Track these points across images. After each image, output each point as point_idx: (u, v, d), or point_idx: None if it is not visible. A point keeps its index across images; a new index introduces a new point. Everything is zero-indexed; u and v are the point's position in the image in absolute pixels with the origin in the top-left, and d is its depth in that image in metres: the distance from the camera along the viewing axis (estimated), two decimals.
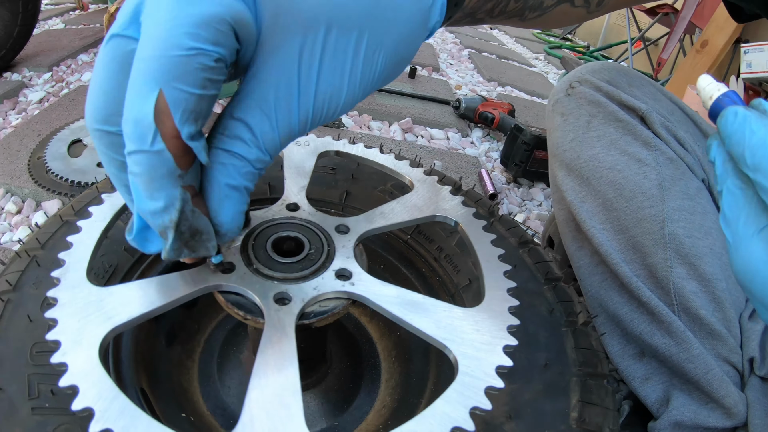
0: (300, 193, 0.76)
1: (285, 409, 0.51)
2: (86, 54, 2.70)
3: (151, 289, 0.60)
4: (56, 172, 1.63)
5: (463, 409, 0.52)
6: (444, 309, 0.63)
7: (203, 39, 0.39)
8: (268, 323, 0.58)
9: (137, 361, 0.81)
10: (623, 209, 1.02)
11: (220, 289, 0.61)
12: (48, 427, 0.60)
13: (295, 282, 0.62)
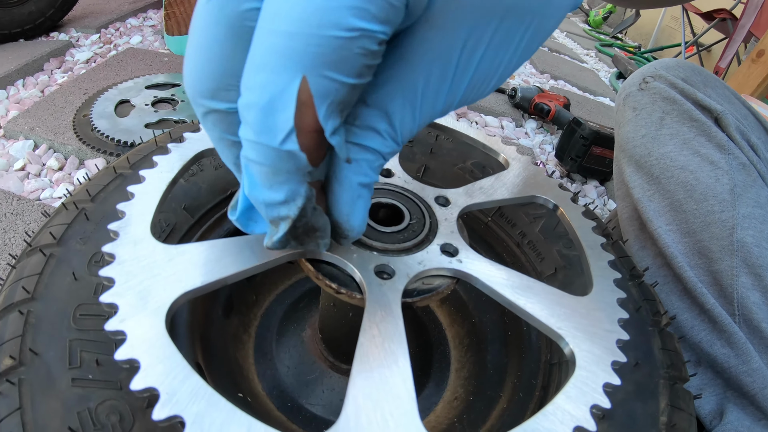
0: (394, 159, 0.67)
1: (395, 399, 0.43)
2: (135, 18, 2.64)
3: (230, 250, 0.51)
4: (102, 130, 1.56)
5: (584, 407, 0.47)
6: (556, 296, 0.56)
7: (371, 17, 0.29)
8: (371, 299, 0.49)
9: (193, 333, 0.72)
10: (692, 211, 0.98)
11: (311, 256, 0.52)
12: (90, 402, 0.52)
13: (398, 254, 0.54)
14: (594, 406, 0.47)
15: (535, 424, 0.44)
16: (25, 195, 1.39)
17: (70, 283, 0.62)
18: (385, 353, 0.46)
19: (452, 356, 0.91)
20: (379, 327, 0.47)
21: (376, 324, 0.47)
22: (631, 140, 1.08)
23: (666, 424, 0.61)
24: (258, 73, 0.31)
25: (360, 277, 0.50)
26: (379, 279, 0.50)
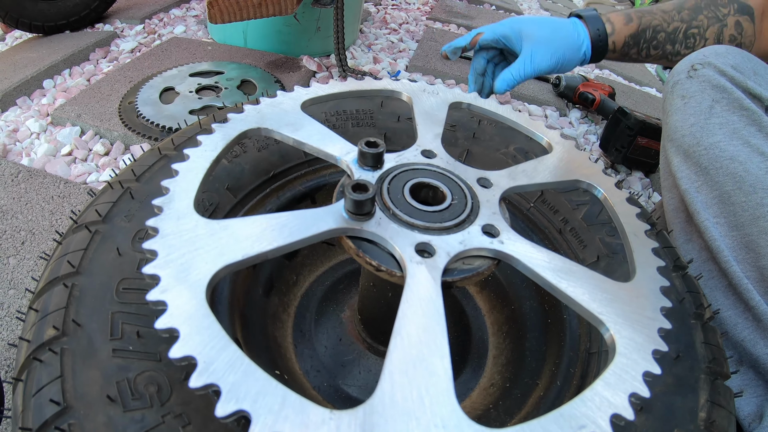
0: (435, 140, 0.68)
1: (432, 377, 0.43)
2: (179, 9, 2.66)
3: (272, 225, 0.51)
4: (147, 116, 1.59)
5: (623, 395, 0.46)
6: (598, 281, 0.55)
7: None
8: (411, 277, 0.48)
9: (233, 310, 0.73)
10: (741, 204, 0.95)
11: (353, 233, 0.52)
12: (129, 372, 0.53)
13: (439, 233, 0.54)
14: (633, 394, 0.46)
15: (572, 409, 0.44)
16: (72, 179, 1.41)
17: (114, 258, 0.63)
18: (423, 331, 0.45)
19: (490, 342, 0.90)
20: (418, 304, 0.47)
21: (415, 301, 0.47)
22: (680, 129, 1.05)
23: (705, 420, 0.60)
24: None
25: (401, 255, 0.50)
26: (419, 257, 0.50)
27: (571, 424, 0.43)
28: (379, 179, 0.58)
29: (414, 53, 2.45)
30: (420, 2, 3.43)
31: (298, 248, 0.51)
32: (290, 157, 0.85)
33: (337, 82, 0.75)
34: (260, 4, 1.62)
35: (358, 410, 0.40)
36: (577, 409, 0.44)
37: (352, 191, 0.51)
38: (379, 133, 0.93)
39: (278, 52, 2.13)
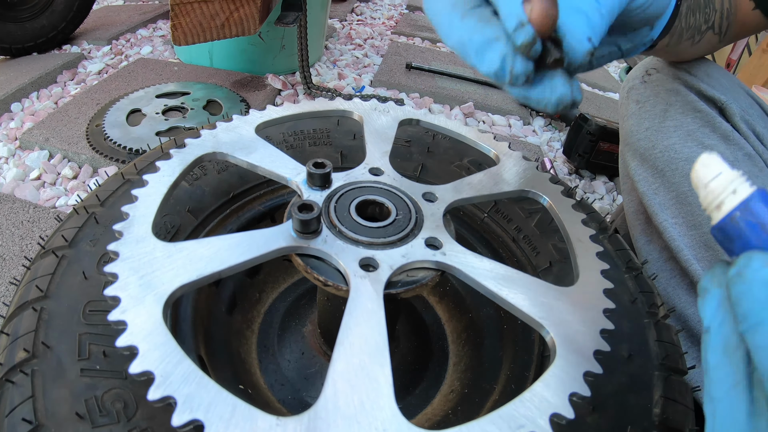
0: (383, 158, 0.71)
1: (372, 382, 0.46)
2: (145, 29, 2.68)
3: (224, 246, 0.54)
4: (114, 139, 1.61)
5: (563, 395, 0.48)
6: (539, 286, 0.58)
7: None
8: (354, 290, 0.52)
9: (196, 328, 0.75)
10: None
11: (301, 251, 0.56)
12: (97, 390, 0.55)
13: (383, 248, 0.57)
14: (573, 393, 0.48)
15: (512, 410, 0.46)
16: (41, 203, 1.43)
17: (80, 281, 0.65)
18: (364, 340, 0.48)
19: (450, 350, 0.93)
20: (360, 316, 0.50)
21: (358, 313, 0.50)
22: (635, 133, 1.07)
23: (659, 416, 0.62)
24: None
25: (345, 270, 0.53)
26: (363, 271, 0.53)
27: (510, 425, 0.45)
28: (327, 198, 0.61)
29: (378, 68, 2.49)
30: (385, 17, 3.47)
31: (251, 266, 0.54)
32: (249, 178, 0.88)
33: (291, 104, 0.78)
34: (223, 25, 1.65)
35: (303, 416, 0.43)
36: (516, 410, 0.46)
37: (298, 212, 0.54)
38: (336, 151, 0.96)
39: (244, 71, 2.16)
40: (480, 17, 0.50)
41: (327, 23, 2.54)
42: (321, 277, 0.54)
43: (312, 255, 0.56)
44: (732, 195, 0.32)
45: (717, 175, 0.33)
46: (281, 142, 0.95)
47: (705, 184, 0.34)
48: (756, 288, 0.28)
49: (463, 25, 0.49)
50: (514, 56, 0.47)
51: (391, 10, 3.67)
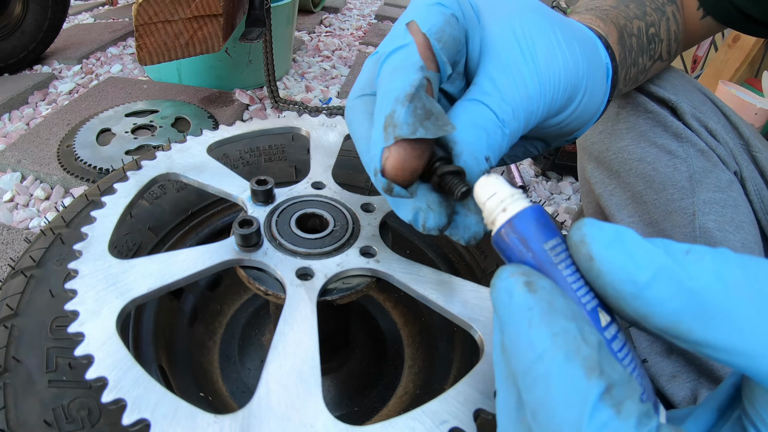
0: (326, 172, 0.75)
1: (303, 384, 0.50)
2: (115, 47, 2.72)
3: (172, 261, 0.59)
4: (85, 159, 1.65)
5: (488, 391, 0.51)
6: (470, 289, 0.62)
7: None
8: (290, 298, 0.56)
9: (157, 339, 0.80)
10: (653, 202, 0.99)
11: (242, 263, 0.60)
12: (64, 399, 0.60)
13: (318, 258, 0.61)
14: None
15: (436, 406, 0.50)
16: (15, 225, 1.47)
17: (48, 299, 0.70)
18: (297, 345, 0.53)
19: (406, 354, 0.97)
20: (294, 322, 0.55)
21: (291, 319, 0.55)
22: (589, 137, 1.09)
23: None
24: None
25: (283, 279, 0.58)
26: (299, 280, 0.58)
27: (434, 420, 0.49)
28: (269, 213, 0.66)
29: (346, 79, 2.53)
30: (354, 27, 3.51)
31: (198, 279, 0.59)
32: (207, 196, 0.92)
33: (242, 123, 0.83)
34: (187, 44, 1.70)
35: (238, 414, 0.47)
36: (441, 406, 0.50)
37: (238, 227, 0.59)
38: (291, 166, 1.00)
39: (212, 87, 2.20)
40: None
41: (294, 36, 2.58)
42: (262, 287, 0.58)
43: (254, 267, 0.60)
44: (502, 213, 0.34)
45: (492, 194, 0.35)
46: (238, 159, 0.99)
47: (483, 203, 0.36)
48: (501, 295, 0.31)
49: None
50: (427, 211, 0.43)
51: (359, 21, 3.72)
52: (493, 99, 0.45)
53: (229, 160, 0.98)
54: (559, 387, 0.27)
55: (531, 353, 0.29)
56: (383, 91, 0.42)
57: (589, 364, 0.27)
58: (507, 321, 0.31)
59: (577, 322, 0.29)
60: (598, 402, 0.26)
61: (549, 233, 0.33)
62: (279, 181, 0.87)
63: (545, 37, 0.48)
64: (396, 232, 1.00)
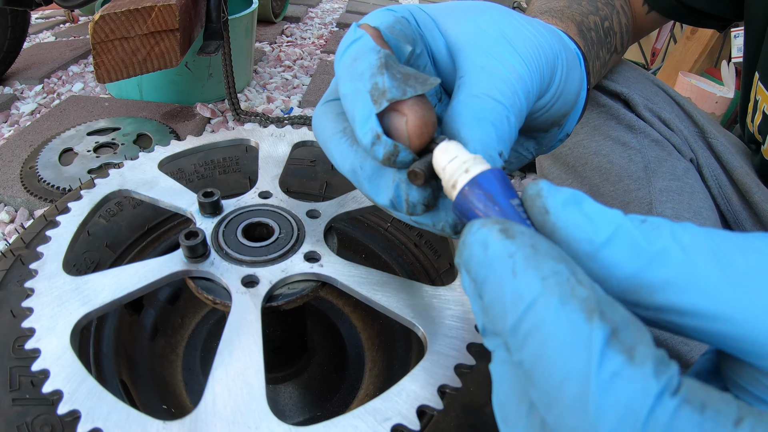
0: (273, 182, 0.78)
1: (248, 388, 0.52)
2: (77, 65, 2.71)
3: (124, 275, 0.61)
4: (48, 180, 1.65)
5: (431, 387, 0.52)
6: (414, 288, 0.63)
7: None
8: (235, 305, 0.59)
9: (118, 354, 0.82)
10: (610, 194, 1.01)
11: (191, 274, 0.63)
12: (27, 417, 0.62)
13: (264, 265, 0.64)
14: (443, 385, 0.53)
15: (379, 403, 0.51)
16: None
17: (9, 320, 0.71)
18: (241, 350, 0.55)
19: (366, 357, 0.99)
20: (238, 328, 0.57)
21: (236, 326, 0.57)
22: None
23: None
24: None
25: (228, 287, 0.60)
26: (244, 288, 0.60)
27: (377, 417, 0.50)
28: (217, 224, 0.68)
29: (307, 88, 2.54)
30: (315, 36, 3.53)
31: (150, 291, 0.61)
32: (162, 211, 0.93)
33: (194, 138, 0.84)
34: (145, 60, 1.71)
35: (185, 420, 0.49)
36: (383, 404, 0.51)
37: (185, 239, 0.61)
38: (245, 177, 1.02)
39: (173, 102, 2.21)
40: None
41: (254, 47, 2.59)
42: (210, 296, 0.60)
43: (202, 277, 0.63)
44: (464, 174, 0.33)
45: (453, 158, 0.35)
46: (193, 172, 1.01)
47: (443, 167, 0.35)
48: (475, 249, 0.28)
49: (353, 151, 0.44)
50: (408, 184, 0.40)
51: (321, 29, 3.73)
52: (491, 87, 0.43)
53: (184, 174, 1.00)
54: (557, 335, 0.24)
55: (520, 304, 0.26)
56: (351, 76, 0.41)
57: (589, 306, 0.24)
58: (486, 276, 0.28)
59: (567, 263, 0.26)
60: (606, 348, 0.23)
61: (511, 192, 0.32)
62: (233, 193, 0.89)
63: (511, 24, 0.47)
64: (350, 237, 1.03)
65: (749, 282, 0.25)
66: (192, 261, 0.63)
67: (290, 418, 0.87)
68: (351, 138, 0.44)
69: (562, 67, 0.50)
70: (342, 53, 0.42)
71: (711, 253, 0.26)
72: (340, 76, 0.42)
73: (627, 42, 0.97)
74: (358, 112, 0.39)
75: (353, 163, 0.44)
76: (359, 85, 0.39)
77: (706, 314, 0.26)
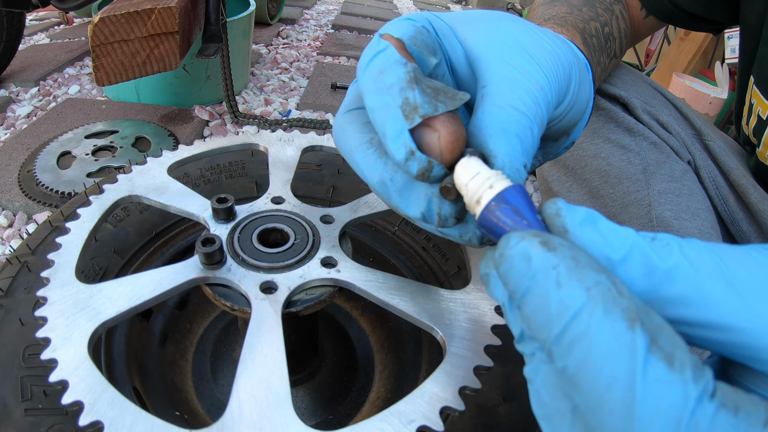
0: (285, 187, 0.77)
1: (273, 394, 0.52)
2: (72, 67, 2.69)
3: (139, 283, 0.61)
4: (46, 184, 1.64)
5: (453, 389, 0.53)
6: (430, 292, 0.63)
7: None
8: (255, 311, 0.58)
9: (129, 361, 0.81)
10: (609, 196, 1.01)
11: (207, 281, 0.62)
12: (41, 427, 0.61)
13: (281, 271, 0.63)
14: (464, 387, 0.53)
15: (403, 406, 0.52)
16: None
17: (18, 328, 0.70)
18: (264, 357, 0.55)
19: (376, 359, 0.99)
20: (260, 334, 0.56)
21: (257, 332, 0.57)
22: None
23: None
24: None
25: (247, 294, 0.60)
26: (263, 294, 0.60)
27: (401, 420, 0.50)
28: (231, 230, 0.67)
29: (304, 90, 2.54)
30: (311, 38, 3.53)
31: (166, 299, 0.61)
32: (170, 216, 0.93)
33: (202, 142, 0.84)
34: (144, 62, 1.70)
35: (212, 428, 0.49)
36: (407, 407, 0.51)
37: (201, 246, 0.60)
38: (251, 182, 1.02)
39: (171, 105, 2.20)
40: None
41: (251, 50, 2.59)
42: (228, 303, 0.60)
43: (219, 283, 0.62)
44: (489, 189, 0.34)
45: (475, 174, 0.36)
46: (199, 177, 1.01)
47: (465, 184, 0.36)
48: (517, 262, 0.29)
49: (382, 164, 0.43)
50: (440, 197, 0.41)
51: (317, 31, 3.74)
52: (514, 98, 0.43)
53: (191, 178, 1.00)
54: (602, 343, 0.25)
55: (565, 314, 0.27)
56: (378, 89, 0.41)
57: (630, 315, 0.25)
58: (530, 288, 0.29)
59: (607, 274, 0.27)
60: (648, 354, 0.24)
61: (535, 209, 0.33)
62: (240, 197, 0.89)
63: (527, 34, 0.48)
64: (359, 241, 1.02)
65: (753, 294, 0.27)
66: (209, 268, 0.62)
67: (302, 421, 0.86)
68: (379, 149, 0.44)
69: (576, 78, 0.51)
70: (366, 64, 0.42)
71: (716, 268, 0.28)
72: (367, 89, 0.42)
73: (626, 47, 0.99)
74: (389, 127, 0.39)
75: (383, 175, 0.44)
76: (388, 99, 0.39)
77: (714, 326, 0.27)
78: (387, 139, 0.39)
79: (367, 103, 0.42)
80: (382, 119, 0.40)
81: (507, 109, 0.42)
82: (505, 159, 0.40)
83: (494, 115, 0.42)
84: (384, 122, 0.40)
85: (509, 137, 0.41)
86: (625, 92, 1.04)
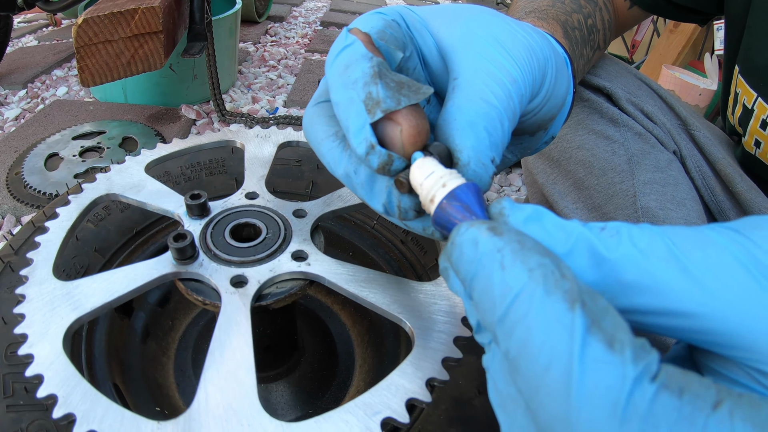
0: (259, 182, 0.78)
1: (239, 386, 0.53)
2: (60, 69, 2.69)
3: (114, 279, 0.62)
4: (34, 186, 1.65)
5: (419, 381, 0.53)
6: (401, 284, 0.64)
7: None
8: (225, 305, 0.60)
9: (110, 358, 0.83)
10: (594, 187, 1.02)
11: (180, 276, 0.64)
12: (22, 423, 0.63)
13: (252, 265, 0.64)
14: (431, 379, 0.54)
15: (369, 398, 0.52)
16: None
17: (0, 326, 0.72)
18: (232, 349, 0.56)
19: (356, 353, 1.00)
20: (228, 328, 0.58)
21: (226, 325, 0.58)
22: None
23: None
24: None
25: (218, 288, 0.61)
26: (233, 288, 0.61)
27: (366, 412, 0.51)
28: (205, 225, 0.69)
29: (292, 88, 2.54)
30: (299, 35, 3.52)
31: (140, 294, 0.62)
32: (150, 214, 0.95)
33: (180, 140, 0.85)
34: (129, 63, 1.70)
35: (179, 419, 0.50)
36: (373, 398, 0.52)
37: (173, 241, 0.62)
38: (231, 179, 1.03)
39: (158, 104, 2.21)
40: None
41: (238, 48, 2.59)
42: (199, 297, 0.61)
43: (192, 278, 0.63)
44: (442, 188, 0.35)
45: (430, 174, 0.36)
46: (180, 175, 1.02)
47: (420, 183, 0.37)
48: (465, 248, 0.29)
49: (347, 156, 0.44)
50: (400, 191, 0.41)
51: (305, 28, 3.74)
52: (485, 90, 0.43)
53: (171, 176, 1.01)
54: (541, 323, 0.25)
55: (508, 295, 0.27)
56: (344, 84, 0.41)
57: (572, 296, 0.25)
58: (476, 272, 0.29)
59: (551, 257, 0.27)
60: (587, 335, 0.24)
61: (485, 206, 0.34)
62: (220, 194, 0.90)
63: (503, 27, 0.47)
64: (337, 235, 1.04)
65: (708, 276, 0.27)
66: (181, 263, 0.63)
67: (282, 416, 0.88)
68: (344, 142, 0.45)
69: (552, 71, 0.50)
70: (333, 59, 0.43)
71: (669, 253, 0.28)
72: (333, 83, 0.42)
73: (609, 38, 0.98)
74: (352, 121, 0.40)
75: (347, 168, 0.44)
76: (352, 93, 0.40)
77: (670, 312, 0.27)
78: (349, 134, 0.40)
79: (332, 97, 0.42)
80: (345, 114, 0.41)
81: (476, 101, 0.42)
82: (471, 153, 0.40)
83: (462, 108, 0.42)
84: (347, 117, 0.40)
85: (477, 131, 0.41)
86: (609, 83, 1.04)
